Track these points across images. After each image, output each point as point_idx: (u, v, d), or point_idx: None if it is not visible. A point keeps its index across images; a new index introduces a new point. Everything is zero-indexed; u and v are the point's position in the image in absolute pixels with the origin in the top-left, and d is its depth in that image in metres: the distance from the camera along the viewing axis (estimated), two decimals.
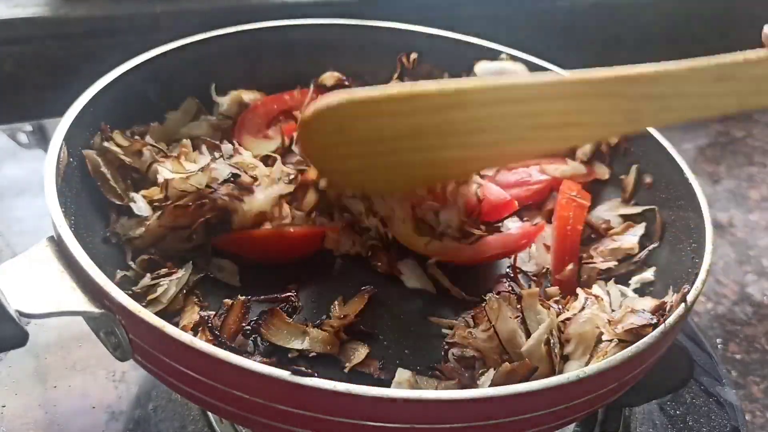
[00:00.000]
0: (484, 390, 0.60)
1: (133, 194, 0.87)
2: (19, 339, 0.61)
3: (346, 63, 1.19)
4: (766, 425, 1.11)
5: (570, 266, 0.90)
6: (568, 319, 0.79)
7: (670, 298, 0.79)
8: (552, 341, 0.75)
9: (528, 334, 0.76)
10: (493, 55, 1.16)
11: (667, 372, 0.85)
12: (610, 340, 0.75)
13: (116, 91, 0.94)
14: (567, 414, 0.67)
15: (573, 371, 0.62)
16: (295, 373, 0.58)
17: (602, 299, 0.82)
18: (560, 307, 0.81)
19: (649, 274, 0.90)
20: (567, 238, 0.92)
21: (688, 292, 0.73)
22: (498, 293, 0.80)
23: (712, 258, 0.79)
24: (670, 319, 0.70)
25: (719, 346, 1.25)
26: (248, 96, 1.07)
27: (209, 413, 0.86)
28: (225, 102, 1.06)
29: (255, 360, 0.60)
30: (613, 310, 0.82)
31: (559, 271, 0.91)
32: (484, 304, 0.79)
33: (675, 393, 0.98)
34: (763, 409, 1.14)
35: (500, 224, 0.94)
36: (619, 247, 0.94)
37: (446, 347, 0.78)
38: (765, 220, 1.59)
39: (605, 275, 0.92)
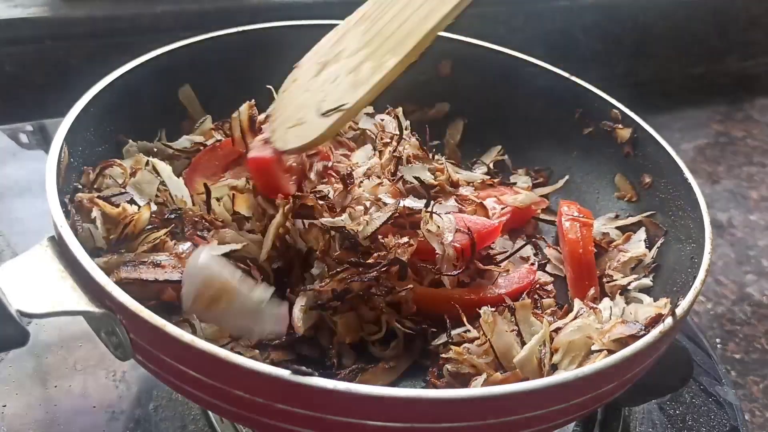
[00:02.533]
0: (483, 389, 0.60)
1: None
2: (20, 339, 0.61)
3: None
4: (765, 425, 1.11)
5: (592, 290, 0.88)
6: (559, 328, 0.79)
7: (664, 309, 0.79)
8: (543, 351, 0.75)
9: (523, 345, 0.76)
10: (493, 55, 1.16)
11: (666, 372, 0.85)
12: (600, 350, 0.75)
13: (117, 91, 0.94)
14: (566, 413, 0.67)
15: (572, 371, 0.63)
16: (295, 372, 0.58)
17: (599, 310, 0.82)
18: (554, 318, 0.81)
19: (647, 281, 0.90)
20: (582, 262, 0.90)
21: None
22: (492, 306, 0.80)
23: (712, 258, 0.79)
24: (669, 320, 0.70)
25: (719, 345, 1.25)
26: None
27: (210, 412, 0.86)
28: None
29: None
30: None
31: (581, 297, 0.88)
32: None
33: (675, 393, 0.98)
34: (762, 408, 1.14)
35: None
36: (630, 257, 0.93)
37: (441, 363, 0.77)
38: (764, 220, 1.60)
39: (624, 289, 0.91)
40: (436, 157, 1.08)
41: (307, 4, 1.46)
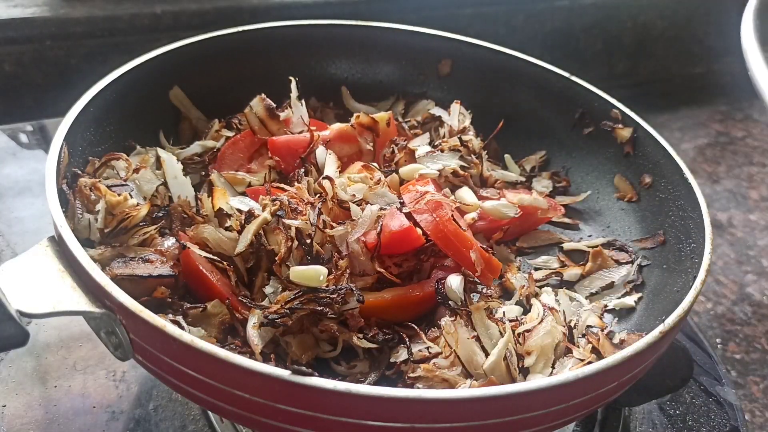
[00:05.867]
0: (483, 390, 0.60)
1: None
2: (20, 339, 0.61)
3: (346, 63, 1.19)
4: (765, 425, 1.11)
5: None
6: (527, 331, 0.79)
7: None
8: (509, 356, 0.75)
9: (484, 351, 0.76)
10: (493, 55, 1.17)
11: (666, 372, 0.85)
12: (582, 359, 0.77)
13: (117, 91, 0.94)
14: (566, 413, 0.67)
15: (573, 371, 0.63)
16: (295, 372, 0.58)
17: (557, 311, 0.83)
18: (505, 318, 0.81)
19: (631, 301, 0.89)
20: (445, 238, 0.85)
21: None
22: (449, 313, 0.79)
23: (712, 258, 0.79)
24: (669, 320, 0.70)
25: (719, 345, 1.25)
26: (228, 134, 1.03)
27: (209, 412, 0.86)
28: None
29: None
30: (569, 321, 0.83)
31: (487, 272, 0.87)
32: (439, 331, 0.77)
33: (675, 393, 0.98)
34: (762, 408, 1.14)
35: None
36: (612, 282, 0.93)
37: (410, 382, 0.74)
38: (764, 220, 1.60)
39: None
40: (482, 153, 1.08)
41: (306, 4, 1.46)
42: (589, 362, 0.75)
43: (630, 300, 0.89)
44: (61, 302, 0.65)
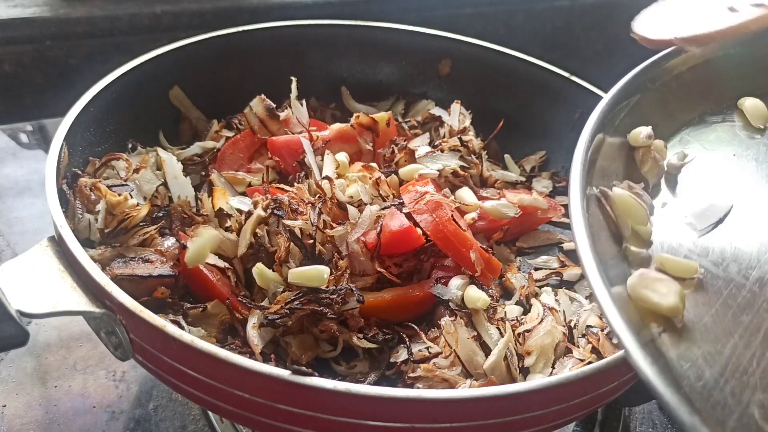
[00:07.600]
0: (483, 390, 0.60)
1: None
2: (20, 339, 0.61)
3: (346, 63, 1.19)
4: None
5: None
6: (527, 331, 0.79)
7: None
8: (509, 356, 0.75)
9: (485, 351, 0.76)
10: (493, 55, 1.17)
11: None
12: (582, 359, 0.77)
13: (117, 91, 0.94)
14: (566, 413, 0.67)
15: (572, 371, 0.63)
16: (295, 372, 0.58)
17: (557, 311, 0.83)
18: (507, 318, 0.82)
19: None
20: (445, 239, 0.85)
21: None
22: (449, 313, 0.80)
23: None
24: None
25: None
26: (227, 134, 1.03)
27: (210, 412, 0.86)
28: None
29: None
30: (569, 320, 0.84)
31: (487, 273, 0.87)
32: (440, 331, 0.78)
33: None
34: None
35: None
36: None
37: (410, 383, 0.74)
38: None
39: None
40: (482, 153, 1.08)
41: (306, 5, 1.46)
42: (589, 362, 0.75)
43: None
44: (61, 302, 0.65)
